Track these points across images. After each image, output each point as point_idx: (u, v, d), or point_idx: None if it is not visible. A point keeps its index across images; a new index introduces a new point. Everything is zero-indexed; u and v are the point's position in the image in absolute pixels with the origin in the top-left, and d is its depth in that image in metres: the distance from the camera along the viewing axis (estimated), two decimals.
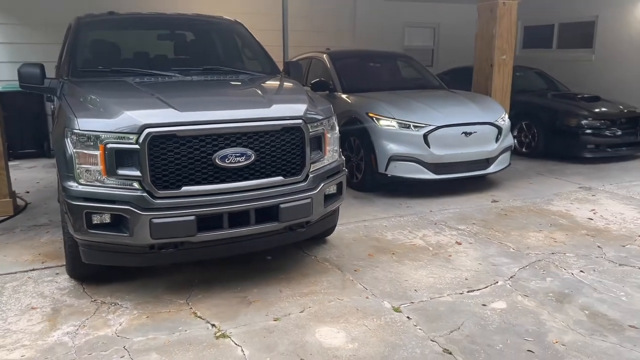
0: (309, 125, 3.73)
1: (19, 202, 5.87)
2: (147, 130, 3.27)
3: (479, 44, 8.04)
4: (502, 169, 6.45)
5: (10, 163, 5.86)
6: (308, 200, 3.71)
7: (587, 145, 7.81)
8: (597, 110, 8.02)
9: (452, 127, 5.96)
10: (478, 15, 8.01)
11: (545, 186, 6.61)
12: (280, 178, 3.64)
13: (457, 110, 6.22)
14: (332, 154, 4.05)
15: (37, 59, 6.96)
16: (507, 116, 6.52)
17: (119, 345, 3.06)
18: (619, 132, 7.89)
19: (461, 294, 3.70)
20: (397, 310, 3.46)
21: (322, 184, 3.82)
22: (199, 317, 3.39)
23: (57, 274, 4.04)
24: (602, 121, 7.86)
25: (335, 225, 4.49)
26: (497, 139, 6.23)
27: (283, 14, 6.65)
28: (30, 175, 7.25)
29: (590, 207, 5.72)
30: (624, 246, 4.57)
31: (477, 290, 3.75)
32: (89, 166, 3.35)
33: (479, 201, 5.96)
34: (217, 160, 3.40)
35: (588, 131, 7.81)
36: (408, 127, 5.92)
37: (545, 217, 5.37)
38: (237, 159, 3.45)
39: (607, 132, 7.85)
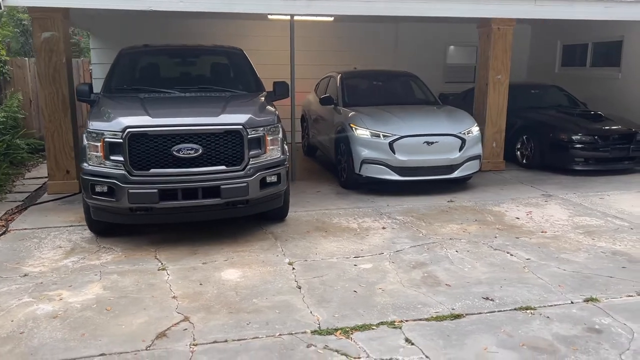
0: (248, 130, 5.19)
1: None
2: (127, 130, 4.93)
3: (479, 65, 9.00)
4: (468, 174, 7.41)
5: None
6: (244, 184, 5.16)
7: (575, 158, 8.43)
8: (588, 126, 8.61)
9: (415, 137, 7.07)
10: (478, 39, 8.98)
11: (511, 192, 7.44)
12: (223, 167, 5.14)
13: (425, 123, 7.32)
14: (273, 152, 5.46)
15: None
16: (475, 129, 7.47)
17: (98, 269, 4.71)
18: (609, 148, 8.41)
19: (347, 258, 4.94)
20: (290, 264, 4.80)
21: (258, 174, 5.25)
22: (156, 258, 4.97)
23: (85, 229, 5.80)
24: (592, 137, 8.42)
25: (281, 207, 5.83)
26: (460, 149, 7.22)
27: (291, 36, 8.00)
28: None
29: (530, 209, 6.55)
30: (517, 238, 5.49)
31: (362, 257, 4.97)
32: (95, 153, 5.07)
33: (437, 200, 6.99)
34: (174, 152, 4.97)
35: (578, 146, 8.42)
36: (378, 136, 7.13)
37: (479, 215, 6.34)
38: (188, 151, 5.00)
39: (597, 147, 8.41)
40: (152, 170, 4.99)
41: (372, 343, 3.40)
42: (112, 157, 5.00)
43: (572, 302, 3.97)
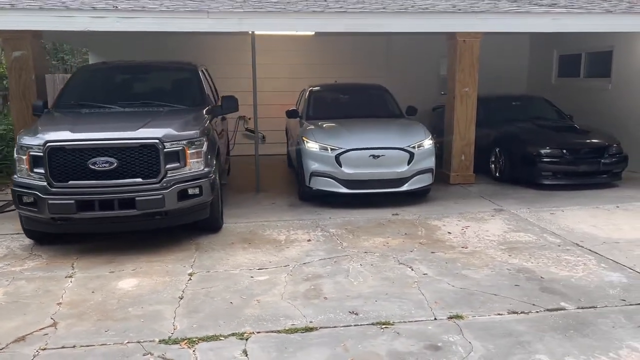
0: (165, 144, 5.40)
1: None
2: (47, 144, 5.23)
3: (448, 78, 8.96)
4: (418, 187, 7.36)
5: None
6: (160, 196, 5.37)
7: (542, 172, 8.24)
8: (557, 139, 8.40)
9: (361, 150, 7.11)
10: (447, 51, 8.94)
11: (464, 206, 7.35)
12: (139, 179, 5.36)
13: (373, 137, 7.34)
14: (195, 165, 5.65)
15: None
16: (428, 142, 7.42)
17: (12, 275, 4.99)
18: (577, 162, 8.19)
19: (250, 270, 5.05)
20: (190, 274, 4.95)
21: (176, 186, 5.44)
22: (72, 266, 5.22)
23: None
24: (560, 150, 8.22)
25: (208, 219, 5.98)
26: (409, 162, 7.20)
27: (252, 51, 8.17)
28: None
29: (469, 224, 6.47)
30: (433, 252, 5.46)
31: (265, 269, 5.06)
32: (22, 166, 5.40)
33: (382, 213, 6.99)
34: (90, 165, 5.24)
35: (545, 159, 8.23)
36: (326, 149, 7.22)
37: (412, 229, 6.31)
38: (104, 165, 5.25)
39: (565, 161, 8.19)
40: (70, 182, 5.27)
41: (209, 353, 3.51)
42: (35, 170, 5.32)
43: (435, 319, 3.95)
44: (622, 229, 6.21)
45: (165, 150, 5.40)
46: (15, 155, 5.49)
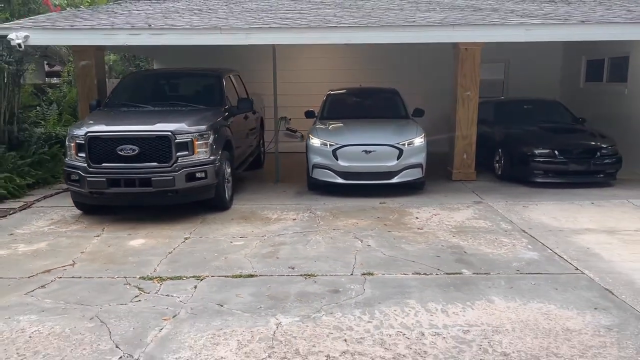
0: (176, 136, 6.78)
1: None
2: (88, 134, 6.77)
3: (453, 82, 9.76)
4: (408, 180, 8.29)
5: None
6: (171, 177, 6.75)
7: (534, 170, 8.87)
8: (550, 140, 8.99)
9: (354, 146, 8.16)
10: (453, 58, 9.74)
11: (449, 198, 8.17)
12: (155, 163, 6.77)
13: (368, 134, 8.35)
14: (201, 154, 6.98)
15: None
16: (418, 140, 8.32)
17: (57, 234, 6.54)
18: (568, 161, 8.74)
19: (234, 237, 6.28)
20: (186, 238, 6.27)
21: (184, 170, 6.80)
22: (102, 230, 6.71)
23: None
24: (552, 150, 8.80)
25: (214, 198, 7.27)
26: (398, 158, 8.16)
27: (273, 61, 9.43)
28: None
29: (440, 212, 7.33)
30: (390, 232, 6.42)
31: (246, 237, 6.27)
32: (71, 151, 6.99)
33: (370, 202, 7.98)
34: (118, 151, 6.72)
35: (537, 159, 8.86)
36: (325, 144, 8.34)
37: (388, 214, 7.28)
38: (128, 151, 6.71)
39: (556, 161, 8.78)
40: (103, 164, 6.77)
41: (170, 287, 4.77)
42: (79, 154, 6.88)
43: (351, 274, 4.98)
44: (578, 221, 6.83)
45: (176, 140, 6.76)
46: (66, 142, 7.09)
